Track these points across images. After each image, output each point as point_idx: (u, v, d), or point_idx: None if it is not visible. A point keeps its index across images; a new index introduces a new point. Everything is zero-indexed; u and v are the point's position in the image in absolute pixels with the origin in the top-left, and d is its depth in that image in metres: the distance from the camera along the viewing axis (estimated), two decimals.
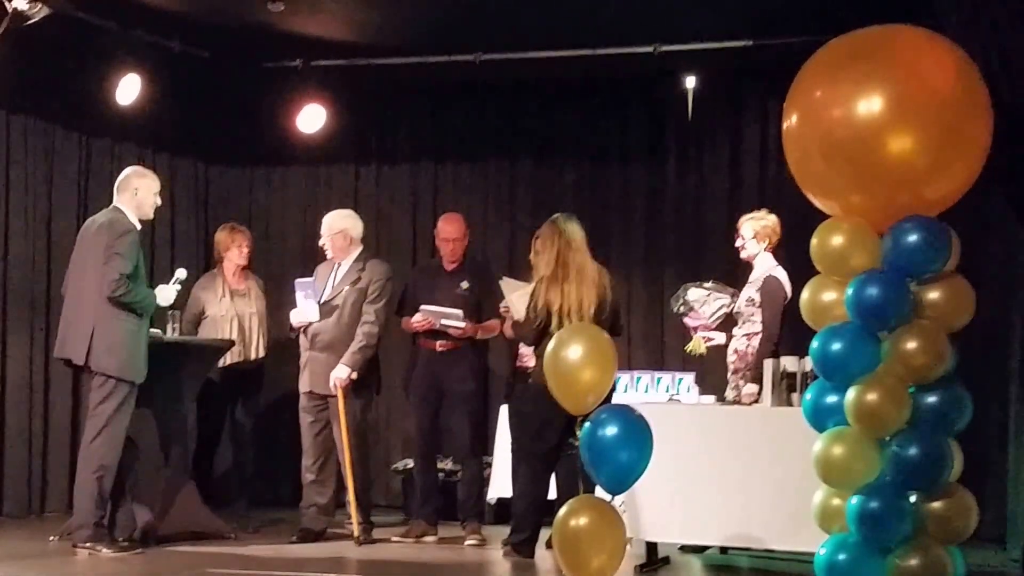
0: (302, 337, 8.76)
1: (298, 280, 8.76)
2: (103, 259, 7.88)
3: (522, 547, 7.95)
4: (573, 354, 6.10)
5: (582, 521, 5.99)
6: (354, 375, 8.53)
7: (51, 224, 9.80)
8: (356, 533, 8.55)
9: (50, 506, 9.76)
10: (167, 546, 8.23)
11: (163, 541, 8.27)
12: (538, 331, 7.82)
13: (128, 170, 8.31)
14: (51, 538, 8.38)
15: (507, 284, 8.35)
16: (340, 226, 8.80)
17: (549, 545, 8.28)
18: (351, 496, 8.58)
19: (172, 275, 8.53)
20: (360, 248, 8.84)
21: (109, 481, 7.90)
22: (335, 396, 8.53)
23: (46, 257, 9.74)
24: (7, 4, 8.45)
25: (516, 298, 8.18)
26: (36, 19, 8.63)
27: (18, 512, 9.48)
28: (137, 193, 8.09)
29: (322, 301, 8.64)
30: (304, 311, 8.64)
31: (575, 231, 7.96)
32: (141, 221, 8.12)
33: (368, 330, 8.58)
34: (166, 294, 8.16)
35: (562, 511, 6.02)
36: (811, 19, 8.27)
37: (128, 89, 9.75)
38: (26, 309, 9.60)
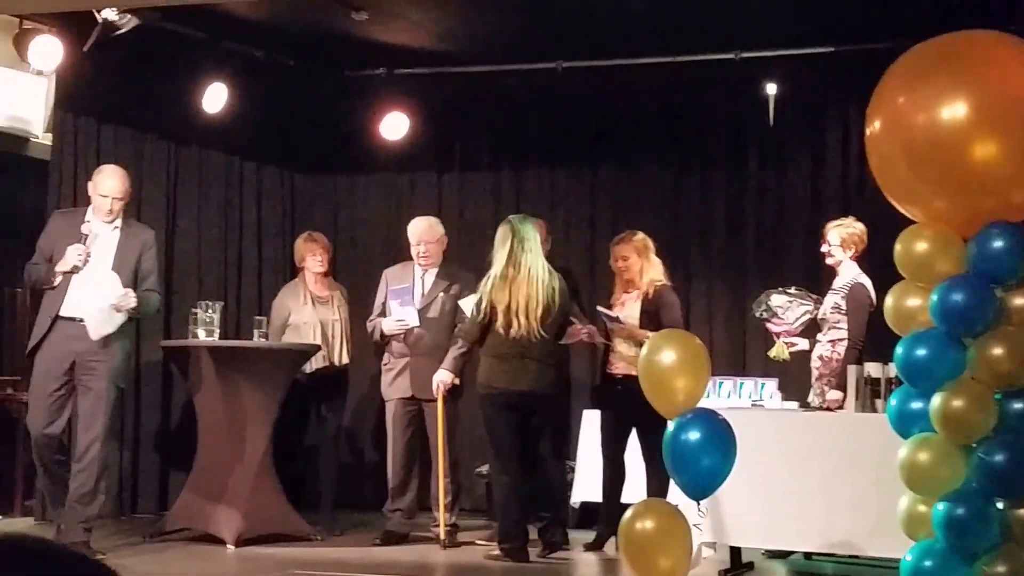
0: (395, 344, 8.85)
1: (391, 288, 8.84)
2: None
3: (514, 552, 8.11)
4: (667, 359, 6.14)
5: (648, 524, 6.02)
6: (456, 380, 8.65)
7: None
8: (442, 536, 8.63)
9: (141, 507, 9.91)
10: (253, 547, 8.35)
11: (249, 542, 8.39)
12: (481, 328, 7.99)
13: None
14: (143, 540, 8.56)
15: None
16: (440, 232, 8.93)
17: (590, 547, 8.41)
18: (444, 499, 8.67)
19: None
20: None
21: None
22: (433, 400, 8.63)
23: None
24: (97, 15, 8.61)
25: (468, 300, 8.32)
26: (125, 29, 8.79)
27: (111, 512, 9.60)
28: (91, 192, 8.15)
29: (419, 307, 8.74)
30: (404, 317, 8.73)
31: (529, 231, 8.10)
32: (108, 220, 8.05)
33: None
34: (67, 257, 7.88)
35: (628, 514, 6.05)
36: (893, 25, 8.25)
37: (215, 98, 9.90)
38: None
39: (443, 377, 8.59)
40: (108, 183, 8.06)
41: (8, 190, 9.96)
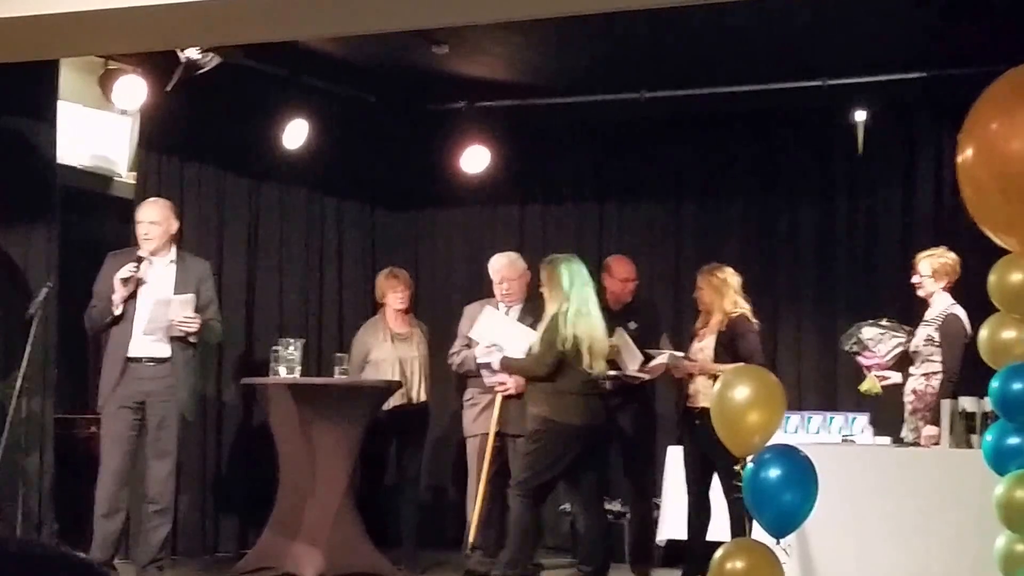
0: (481, 378, 8.79)
1: (480, 362, 8.74)
2: None
3: None
4: (740, 395, 6.00)
5: (739, 564, 5.87)
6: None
7: (222, 268, 9.91)
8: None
9: (222, 546, 9.87)
10: None
11: None
12: (556, 364, 7.88)
13: None
14: None
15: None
16: (522, 268, 8.86)
17: None
18: None
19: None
20: None
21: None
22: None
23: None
24: (180, 54, 8.64)
25: (508, 333, 8.15)
26: (207, 68, 8.81)
27: (191, 551, 9.58)
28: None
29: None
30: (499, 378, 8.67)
31: (585, 272, 8.11)
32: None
33: None
34: (119, 273, 7.75)
35: (718, 554, 5.91)
36: (986, 50, 8.04)
37: (296, 134, 9.89)
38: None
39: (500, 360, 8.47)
40: (140, 211, 8.08)
41: (93, 229, 9.99)
